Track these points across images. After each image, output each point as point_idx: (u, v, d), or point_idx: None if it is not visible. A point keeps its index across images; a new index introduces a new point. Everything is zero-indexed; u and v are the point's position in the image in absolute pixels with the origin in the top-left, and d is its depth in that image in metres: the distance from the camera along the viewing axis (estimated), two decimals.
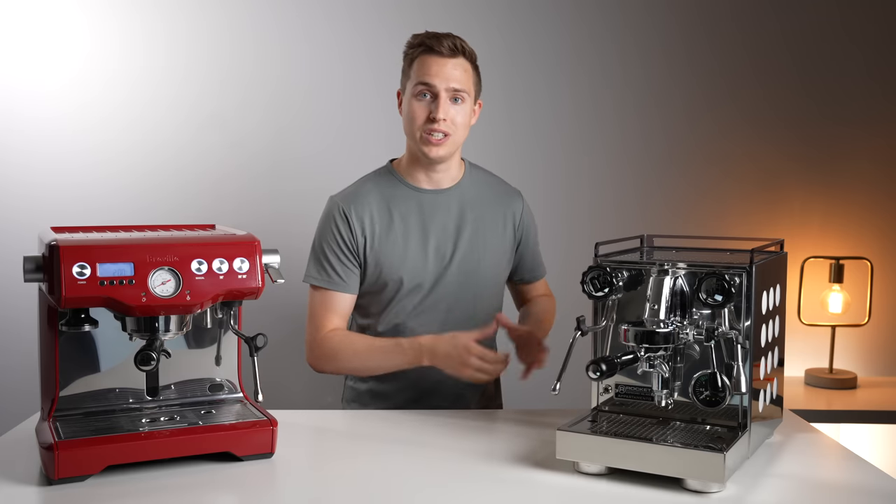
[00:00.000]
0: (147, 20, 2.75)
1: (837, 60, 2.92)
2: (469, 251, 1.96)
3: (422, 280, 1.94)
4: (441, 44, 1.87)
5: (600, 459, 1.40)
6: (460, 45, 1.89)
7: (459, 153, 2.00)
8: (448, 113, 1.87)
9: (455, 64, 1.88)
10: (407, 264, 1.93)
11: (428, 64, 1.88)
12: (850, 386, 2.81)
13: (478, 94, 1.98)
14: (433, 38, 1.89)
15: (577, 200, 2.92)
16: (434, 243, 1.95)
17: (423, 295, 1.94)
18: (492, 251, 2.00)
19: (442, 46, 1.87)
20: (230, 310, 1.53)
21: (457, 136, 1.91)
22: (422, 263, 1.94)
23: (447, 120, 1.87)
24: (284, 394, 2.72)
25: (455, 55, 1.88)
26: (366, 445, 1.60)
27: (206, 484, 1.38)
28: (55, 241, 1.36)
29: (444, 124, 1.87)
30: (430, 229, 1.95)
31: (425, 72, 1.87)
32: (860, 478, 1.43)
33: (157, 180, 2.79)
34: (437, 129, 1.87)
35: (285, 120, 2.83)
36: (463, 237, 1.96)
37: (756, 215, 2.94)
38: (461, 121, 1.90)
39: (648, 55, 2.90)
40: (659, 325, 1.41)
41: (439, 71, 1.87)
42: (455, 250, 1.95)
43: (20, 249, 2.00)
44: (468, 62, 1.91)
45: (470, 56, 1.92)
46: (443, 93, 1.87)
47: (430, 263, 1.94)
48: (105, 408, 1.53)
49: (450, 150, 1.91)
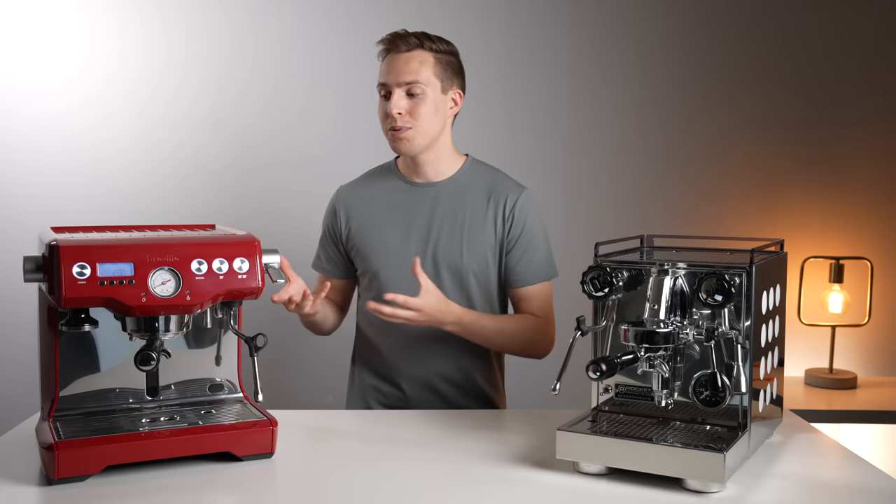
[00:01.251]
0: (146, 19, 2.75)
1: (836, 61, 2.92)
2: (448, 244, 1.94)
3: (400, 273, 1.94)
4: (396, 41, 1.89)
5: (600, 459, 1.40)
6: (420, 40, 1.89)
7: (449, 147, 1.98)
8: (401, 106, 1.87)
9: (409, 58, 1.88)
10: (386, 256, 1.96)
11: (385, 63, 1.91)
12: (850, 386, 2.81)
13: (450, 84, 1.93)
14: (394, 37, 1.91)
15: (576, 200, 2.92)
16: (415, 236, 1.95)
17: (403, 288, 1.92)
18: (476, 245, 1.95)
19: (400, 43, 1.89)
20: (230, 310, 1.53)
21: (421, 127, 1.89)
22: (401, 256, 1.94)
23: (402, 114, 1.87)
24: (284, 394, 2.72)
25: (411, 49, 1.89)
26: (366, 445, 1.60)
27: (206, 484, 1.38)
28: (55, 241, 1.36)
29: (401, 119, 1.87)
30: (414, 222, 1.96)
31: (381, 72, 1.92)
32: (860, 478, 1.43)
33: (156, 179, 2.79)
34: (395, 126, 1.88)
35: (285, 119, 2.83)
36: (444, 230, 1.95)
37: (756, 215, 2.94)
38: (423, 112, 1.88)
39: (647, 55, 2.90)
40: (659, 325, 1.41)
41: (392, 68, 1.89)
42: (437, 243, 1.94)
43: (20, 249, 2.01)
44: (428, 53, 1.90)
45: (431, 48, 1.90)
46: (394, 88, 1.88)
47: (410, 256, 1.93)
48: (105, 408, 1.52)
49: (415, 142, 1.90)
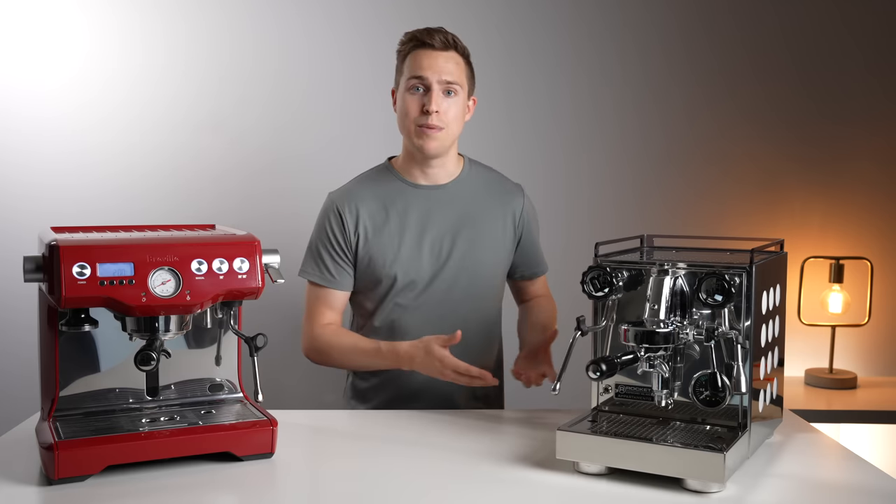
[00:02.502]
0: (146, 20, 2.75)
1: (837, 59, 2.92)
2: (467, 249, 1.96)
3: (416, 277, 1.93)
4: (433, 38, 1.88)
5: (600, 459, 1.40)
6: (452, 40, 1.90)
7: (455, 148, 2.00)
8: (441, 105, 1.88)
9: (447, 57, 1.89)
10: (401, 261, 1.93)
11: (420, 58, 1.89)
12: (850, 386, 2.81)
13: (471, 89, 1.98)
14: (425, 32, 1.90)
15: (576, 200, 2.91)
16: (430, 240, 1.95)
17: (418, 292, 1.94)
18: (491, 249, 1.99)
19: (434, 40, 1.88)
20: (230, 310, 1.53)
21: (450, 129, 1.91)
22: (416, 260, 1.94)
23: (440, 112, 1.88)
24: (284, 394, 2.72)
25: (447, 49, 1.89)
26: (366, 445, 1.60)
27: (206, 484, 1.38)
28: (55, 241, 1.36)
29: (437, 117, 1.87)
30: (427, 226, 1.95)
31: (417, 65, 1.88)
32: (860, 478, 1.43)
33: (156, 180, 2.78)
34: (430, 122, 1.87)
35: (284, 118, 2.82)
36: (461, 235, 1.96)
37: (756, 215, 2.94)
38: (454, 114, 1.90)
39: (648, 54, 2.90)
40: (659, 325, 1.41)
41: (431, 64, 1.87)
42: (453, 248, 1.95)
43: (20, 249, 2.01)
44: (460, 56, 1.92)
45: (462, 51, 1.93)
46: (435, 85, 1.87)
47: (426, 260, 1.94)
48: (105, 408, 1.52)
49: (444, 143, 1.91)
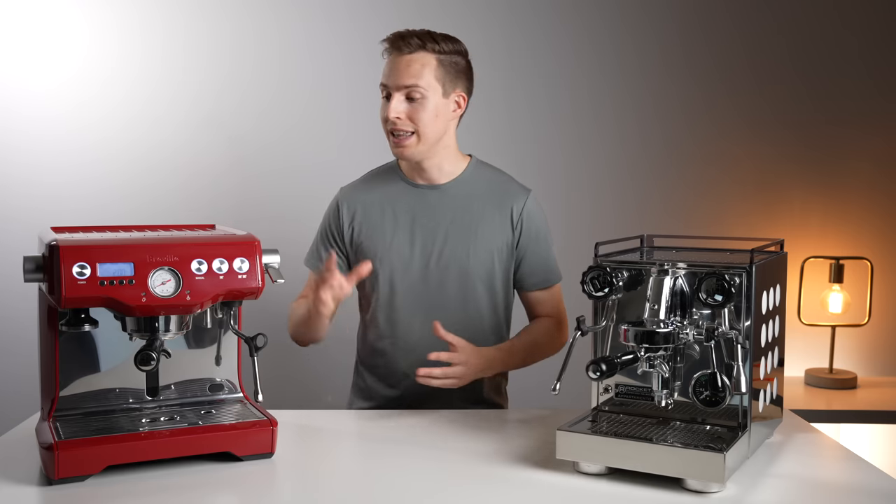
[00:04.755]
0: (146, 19, 2.75)
1: (836, 60, 2.92)
2: (457, 247, 1.93)
3: (405, 275, 1.93)
4: (399, 42, 1.85)
5: (600, 459, 1.40)
6: (423, 41, 1.85)
7: (452, 149, 1.96)
8: (399, 111, 1.84)
9: (410, 60, 1.84)
10: (391, 259, 1.93)
11: (387, 64, 1.88)
12: (850, 386, 2.81)
13: (452, 86, 1.89)
14: (396, 37, 1.87)
15: (576, 200, 2.91)
16: (420, 239, 1.94)
17: (407, 290, 1.94)
18: (484, 250, 1.94)
19: (402, 44, 1.85)
20: (230, 310, 1.53)
21: (424, 133, 1.86)
22: (406, 258, 1.93)
23: (401, 118, 1.85)
24: (284, 394, 2.72)
25: (413, 51, 1.84)
26: (366, 445, 1.60)
27: (206, 484, 1.38)
28: (55, 241, 1.36)
29: (401, 123, 1.85)
30: (418, 225, 1.95)
31: (384, 73, 1.88)
32: (860, 478, 1.43)
33: (156, 179, 2.79)
34: (395, 129, 1.86)
35: (284, 118, 2.83)
36: (452, 233, 1.94)
37: (756, 215, 2.94)
38: (423, 117, 1.85)
39: (647, 56, 2.90)
40: (659, 325, 1.41)
41: (392, 70, 1.86)
42: (443, 247, 1.93)
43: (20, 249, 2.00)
44: (431, 55, 1.85)
45: (436, 49, 1.86)
46: (394, 92, 1.85)
47: (416, 259, 1.93)
48: (105, 408, 1.52)
49: (420, 148, 1.88)
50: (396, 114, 1.84)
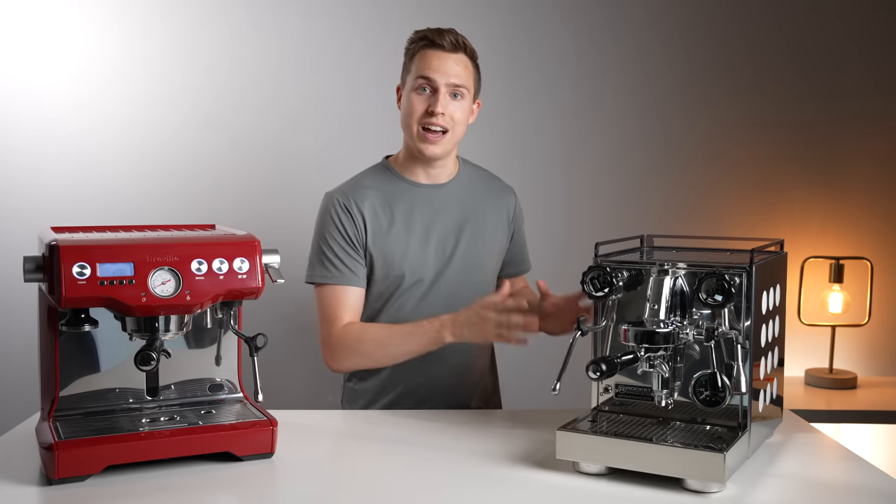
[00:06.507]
0: (146, 20, 2.75)
1: (837, 60, 2.92)
2: (471, 245, 1.97)
3: (422, 275, 1.94)
4: (443, 38, 1.87)
5: (600, 459, 1.40)
6: (462, 42, 1.90)
7: (456, 149, 2.00)
8: (447, 108, 1.87)
9: (456, 59, 1.89)
10: (408, 259, 1.93)
11: (429, 58, 1.88)
12: (850, 386, 2.81)
13: (477, 92, 1.98)
14: (435, 32, 1.89)
15: (577, 200, 2.91)
16: (435, 238, 1.95)
17: (424, 290, 1.94)
18: (491, 245, 2.01)
19: (444, 41, 1.87)
20: (230, 310, 1.53)
21: (455, 132, 1.91)
22: (422, 258, 1.94)
23: (446, 114, 1.87)
24: (284, 394, 2.72)
25: (456, 50, 1.89)
26: (366, 445, 1.60)
27: (206, 484, 1.38)
28: (55, 241, 1.36)
29: (443, 119, 1.87)
30: (433, 224, 1.95)
31: (426, 66, 1.87)
32: (860, 478, 1.43)
33: (156, 180, 2.78)
34: (436, 124, 1.87)
35: (284, 118, 2.82)
36: (465, 232, 1.97)
37: (756, 215, 2.94)
38: (460, 117, 1.90)
39: (648, 55, 2.90)
40: (659, 325, 1.41)
41: (440, 65, 1.87)
42: (457, 245, 1.96)
43: (20, 249, 2.01)
44: (469, 59, 1.92)
45: (471, 53, 1.93)
46: (442, 87, 1.87)
47: (431, 258, 1.94)
48: (105, 408, 1.52)
49: (447, 147, 1.91)
50: (444, 109, 1.86)
